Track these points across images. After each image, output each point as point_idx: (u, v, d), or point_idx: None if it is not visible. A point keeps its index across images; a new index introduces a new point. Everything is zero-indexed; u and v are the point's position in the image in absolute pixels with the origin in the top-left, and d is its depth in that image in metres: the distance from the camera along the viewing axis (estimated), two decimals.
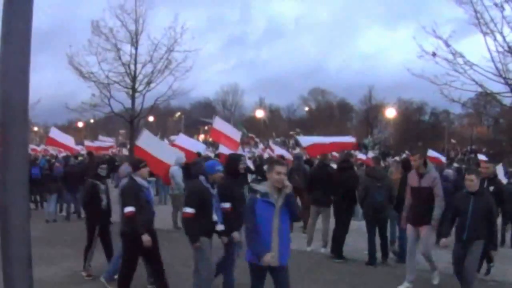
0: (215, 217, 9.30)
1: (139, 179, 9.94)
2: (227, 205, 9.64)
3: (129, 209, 9.56)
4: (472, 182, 9.99)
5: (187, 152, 26.35)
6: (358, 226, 15.61)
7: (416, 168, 11.22)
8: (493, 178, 13.17)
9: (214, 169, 9.50)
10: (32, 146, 26.05)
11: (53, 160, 23.75)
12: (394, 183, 13.85)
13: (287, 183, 7.06)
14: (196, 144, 29.55)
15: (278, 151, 34.60)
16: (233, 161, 10.41)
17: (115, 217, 11.69)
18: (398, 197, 13.06)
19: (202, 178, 9.34)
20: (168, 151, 19.83)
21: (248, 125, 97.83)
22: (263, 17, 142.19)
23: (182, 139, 28.32)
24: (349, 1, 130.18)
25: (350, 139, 24.27)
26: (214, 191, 9.42)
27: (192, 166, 17.19)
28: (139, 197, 9.76)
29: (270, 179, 7.13)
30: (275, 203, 7.05)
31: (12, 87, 3.05)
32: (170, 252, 14.31)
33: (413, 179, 11.33)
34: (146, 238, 9.44)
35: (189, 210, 9.08)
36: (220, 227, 9.42)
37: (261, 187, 7.22)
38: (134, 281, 9.84)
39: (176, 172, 18.05)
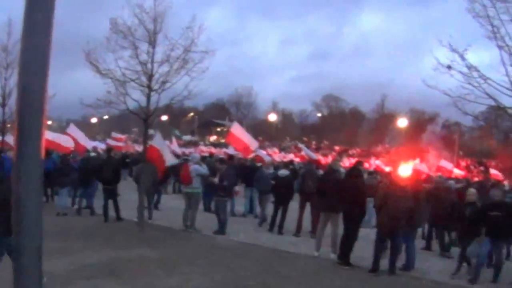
0: None
1: None
2: None
3: None
4: None
5: (78, 144, 26.71)
6: (367, 233, 15.66)
7: None
8: None
9: None
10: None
11: (71, 155, 23.87)
12: None
13: None
14: (85, 139, 29.95)
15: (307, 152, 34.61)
16: None
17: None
18: None
19: None
20: (169, 154, 20.13)
21: (260, 128, 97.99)
22: (351, 34, 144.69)
23: (73, 130, 28.56)
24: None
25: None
26: None
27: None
28: None
29: None
30: None
31: (31, 81, 3.13)
32: (177, 251, 14.50)
33: None
34: None
35: None
36: None
37: None
38: None
39: (203, 171, 18.15)
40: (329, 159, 41.75)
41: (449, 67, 13.20)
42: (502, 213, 12.78)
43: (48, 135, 24.41)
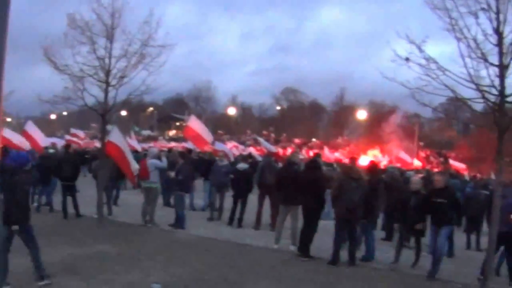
0: None
1: None
2: None
3: None
4: None
5: (33, 141, 26.36)
6: (326, 225, 15.77)
7: None
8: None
9: None
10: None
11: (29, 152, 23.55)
12: None
13: None
14: (42, 136, 29.64)
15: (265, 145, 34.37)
16: None
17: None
18: None
19: None
20: (128, 150, 19.91)
21: (220, 122, 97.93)
22: (311, 28, 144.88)
23: (31, 127, 28.23)
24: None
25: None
26: None
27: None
28: None
29: None
30: None
31: None
32: (137, 246, 14.47)
33: None
34: None
35: None
36: None
37: None
38: None
39: (160, 164, 18.20)
40: (289, 151, 41.85)
41: (407, 59, 13.29)
42: (445, 199, 12.91)
43: (5, 133, 24.05)
